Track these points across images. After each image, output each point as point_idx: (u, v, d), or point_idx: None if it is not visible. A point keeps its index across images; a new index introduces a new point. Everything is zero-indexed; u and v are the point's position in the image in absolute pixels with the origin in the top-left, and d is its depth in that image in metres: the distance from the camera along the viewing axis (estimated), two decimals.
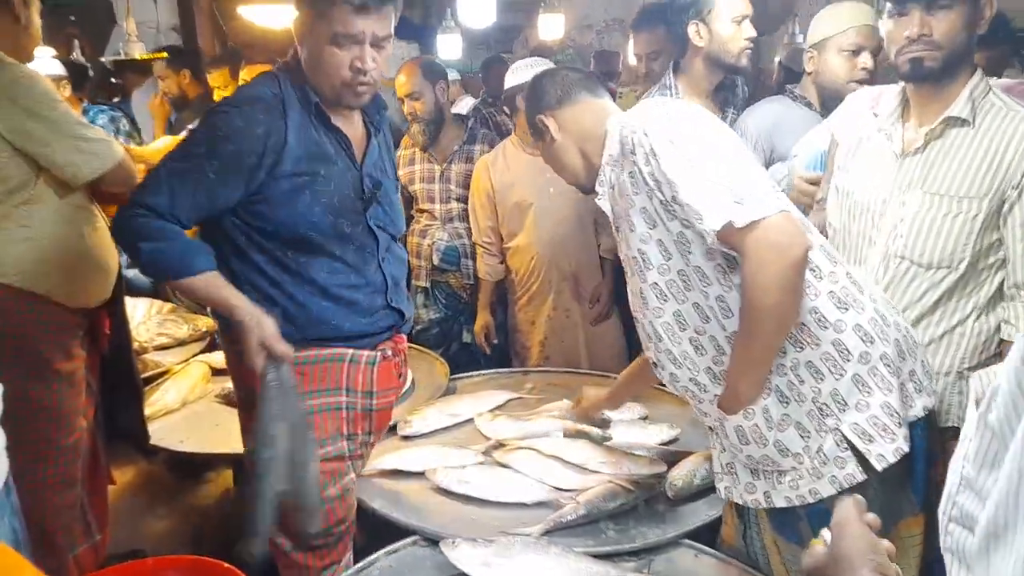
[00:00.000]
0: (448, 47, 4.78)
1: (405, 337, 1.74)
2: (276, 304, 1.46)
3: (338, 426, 1.54)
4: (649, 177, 1.29)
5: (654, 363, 1.48)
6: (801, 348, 1.29)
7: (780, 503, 1.35)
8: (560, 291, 2.71)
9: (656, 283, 1.35)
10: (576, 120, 1.48)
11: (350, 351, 1.53)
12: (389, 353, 1.61)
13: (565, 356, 2.73)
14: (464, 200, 2.81)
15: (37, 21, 1.78)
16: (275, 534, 1.56)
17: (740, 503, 1.43)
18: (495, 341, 2.85)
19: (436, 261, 2.82)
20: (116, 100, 3.97)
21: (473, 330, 2.87)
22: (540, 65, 2.64)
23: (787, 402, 1.31)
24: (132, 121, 3.73)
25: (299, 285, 1.48)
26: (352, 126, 1.55)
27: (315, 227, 1.46)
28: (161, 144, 2.94)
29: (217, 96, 3.35)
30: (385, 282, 1.58)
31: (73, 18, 5.76)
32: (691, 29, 2.11)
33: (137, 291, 2.98)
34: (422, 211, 2.87)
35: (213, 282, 1.40)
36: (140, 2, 5.24)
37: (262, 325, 1.38)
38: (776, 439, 1.32)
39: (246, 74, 3.02)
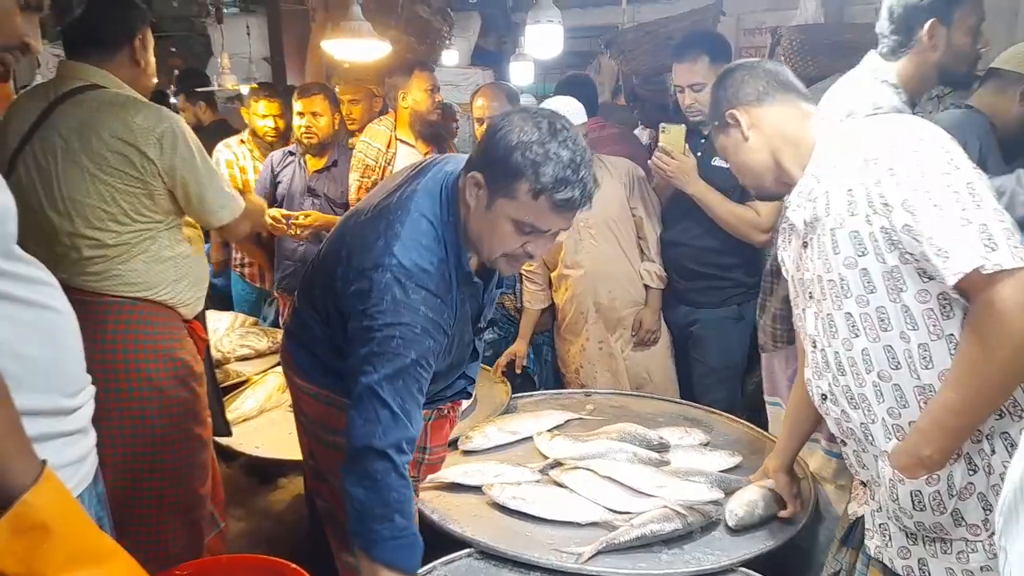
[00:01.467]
0: (521, 73, 4.92)
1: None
2: None
3: None
4: (878, 199, 1.16)
5: (823, 396, 1.35)
6: (1000, 416, 1.18)
7: (939, 574, 1.25)
8: (594, 322, 2.71)
9: (850, 313, 1.23)
10: (776, 121, 1.34)
11: None
12: (446, 412, 1.68)
13: (604, 386, 2.71)
14: None
15: (153, 62, 1.93)
16: (345, 551, 1.62)
17: (888, 566, 1.32)
18: (519, 371, 2.83)
19: None
20: None
21: (531, 355, 2.90)
22: (570, 105, 2.58)
23: (975, 471, 1.20)
24: None
25: None
26: None
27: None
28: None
29: (269, 124, 3.49)
30: (468, 384, 1.64)
31: (174, 50, 6.24)
32: (927, 30, 1.76)
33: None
34: None
35: None
36: (235, 35, 5.64)
37: None
38: (955, 507, 1.21)
39: (340, 93, 3.36)
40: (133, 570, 0.93)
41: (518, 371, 2.83)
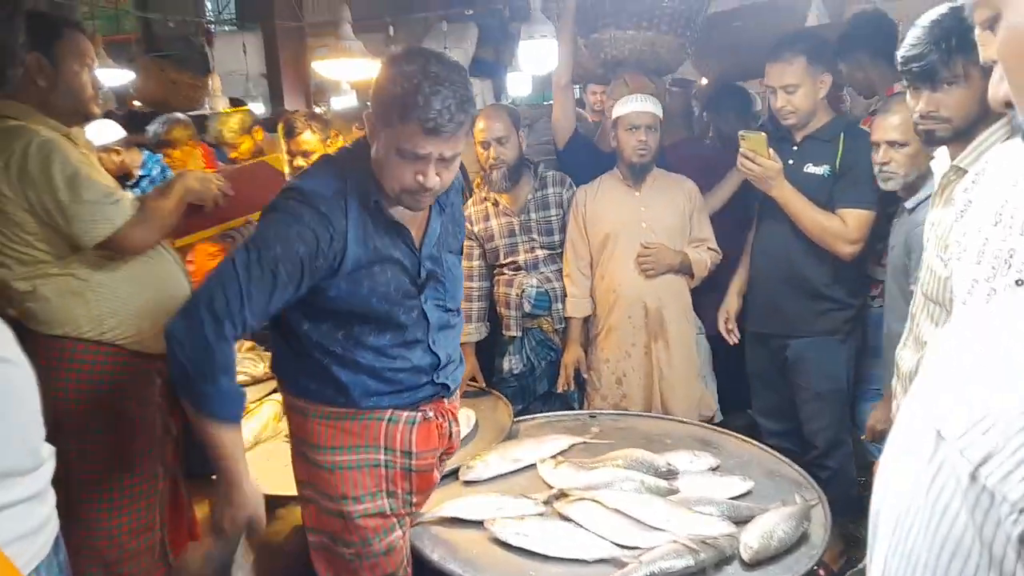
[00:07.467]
0: (518, 85, 4.88)
1: (455, 401, 1.71)
2: (322, 377, 1.48)
3: (377, 483, 1.53)
4: None
5: None
6: None
7: None
8: (639, 328, 2.66)
9: None
10: None
11: (389, 412, 1.53)
12: (431, 414, 1.59)
13: (635, 400, 2.65)
14: (547, 247, 2.80)
15: (78, 78, 1.71)
16: None
17: None
18: (585, 376, 2.77)
19: (528, 308, 2.76)
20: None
21: (557, 381, 2.76)
22: (651, 101, 2.59)
23: None
24: None
25: (345, 366, 1.47)
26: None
27: (367, 318, 1.46)
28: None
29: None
30: (434, 362, 1.57)
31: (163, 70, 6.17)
32: None
33: None
34: (505, 264, 2.83)
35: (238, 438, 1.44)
36: (231, 53, 5.60)
37: (255, 503, 1.45)
38: None
39: None
40: None
41: (585, 375, 2.76)
